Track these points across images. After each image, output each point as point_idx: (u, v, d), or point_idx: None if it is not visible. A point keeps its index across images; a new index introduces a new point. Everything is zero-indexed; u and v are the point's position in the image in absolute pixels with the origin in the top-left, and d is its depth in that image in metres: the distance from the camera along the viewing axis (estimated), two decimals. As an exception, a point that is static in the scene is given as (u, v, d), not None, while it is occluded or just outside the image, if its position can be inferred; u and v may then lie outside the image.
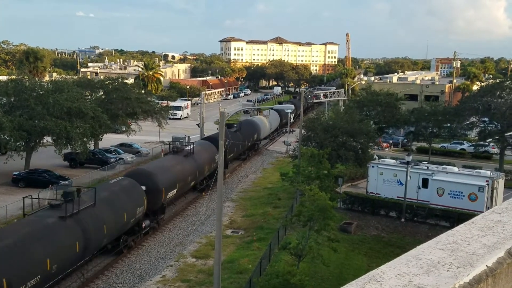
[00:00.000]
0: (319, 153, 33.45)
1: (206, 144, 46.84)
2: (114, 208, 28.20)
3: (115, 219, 27.91)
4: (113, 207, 28.17)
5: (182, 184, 37.96)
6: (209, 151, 45.20)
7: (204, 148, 45.02)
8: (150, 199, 32.39)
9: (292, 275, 20.22)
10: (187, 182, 39.38)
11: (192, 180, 40.68)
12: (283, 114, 74.86)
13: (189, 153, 41.32)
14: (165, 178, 34.89)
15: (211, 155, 44.91)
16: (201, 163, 42.47)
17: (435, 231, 31.09)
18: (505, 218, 3.17)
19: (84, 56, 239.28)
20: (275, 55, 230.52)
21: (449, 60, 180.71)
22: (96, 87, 58.20)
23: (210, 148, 45.78)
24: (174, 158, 40.08)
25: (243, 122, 61.77)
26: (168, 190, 34.83)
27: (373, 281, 2.25)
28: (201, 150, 43.93)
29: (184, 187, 39.43)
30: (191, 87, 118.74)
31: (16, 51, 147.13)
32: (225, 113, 23.20)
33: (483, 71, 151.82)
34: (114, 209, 28.17)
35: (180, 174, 37.76)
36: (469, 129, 58.48)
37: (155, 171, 34.85)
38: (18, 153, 43.37)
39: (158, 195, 33.51)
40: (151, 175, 33.76)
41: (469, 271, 2.37)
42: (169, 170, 36.47)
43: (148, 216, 33.51)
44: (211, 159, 44.74)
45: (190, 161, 40.71)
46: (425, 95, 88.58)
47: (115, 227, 28.04)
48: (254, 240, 32.43)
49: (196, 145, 43.95)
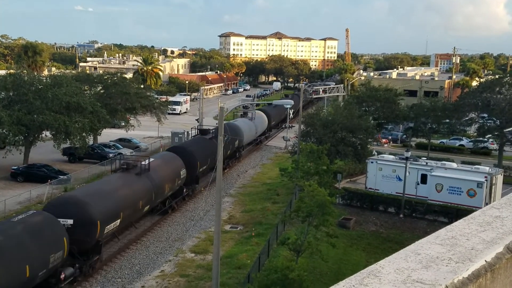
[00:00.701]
0: (318, 148, 33.46)
1: (169, 157, 39.07)
2: (6, 262, 20.46)
3: (8, 277, 20.20)
4: (4, 261, 20.39)
5: (129, 211, 30.21)
6: (173, 165, 37.64)
7: (166, 162, 37.34)
8: (78, 237, 25.05)
9: (291, 270, 20.26)
10: (137, 208, 31.36)
11: (146, 204, 32.52)
12: (272, 116, 70.77)
13: (144, 169, 33.26)
14: (103, 206, 27.02)
15: (175, 170, 37.54)
16: (160, 181, 34.41)
17: (433, 227, 31.16)
18: (504, 213, 3.17)
19: (83, 51, 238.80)
20: (274, 50, 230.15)
21: (448, 56, 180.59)
22: (95, 82, 58.14)
23: (175, 161, 38.34)
24: (121, 178, 32.07)
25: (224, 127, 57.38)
26: (106, 223, 26.98)
27: (372, 276, 2.24)
28: (161, 164, 36.10)
29: (134, 214, 31.61)
30: (190, 82, 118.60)
31: (15, 45, 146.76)
32: (224, 108, 23.17)
33: (483, 67, 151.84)
34: (6, 263, 20.46)
35: (128, 199, 29.98)
36: (468, 125, 58.52)
37: (88, 198, 26.91)
38: (17, 148, 43.34)
39: (91, 230, 25.85)
40: (81, 204, 26.02)
41: (468, 266, 2.36)
42: (109, 196, 28.68)
43: (75, 260, 25.65)
44: (175, 175, 37.15)
45: (144, 180, 32.65)
46: (425, 90, 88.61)
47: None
48: (253, 235, 32.49)
49: (156, 158, 37.32)
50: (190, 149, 41.78)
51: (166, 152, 41.83)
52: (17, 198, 37.26)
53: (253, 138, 62.36)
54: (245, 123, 58.70)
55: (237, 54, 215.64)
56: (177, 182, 37.79)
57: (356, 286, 2.15)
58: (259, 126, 63.92)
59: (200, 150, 42.76)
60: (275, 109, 73.90)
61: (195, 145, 44.23)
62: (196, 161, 40.76)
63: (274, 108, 73.49)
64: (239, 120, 58.95)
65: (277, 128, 78.24)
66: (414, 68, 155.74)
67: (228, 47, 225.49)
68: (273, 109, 73.37)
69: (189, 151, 40.94)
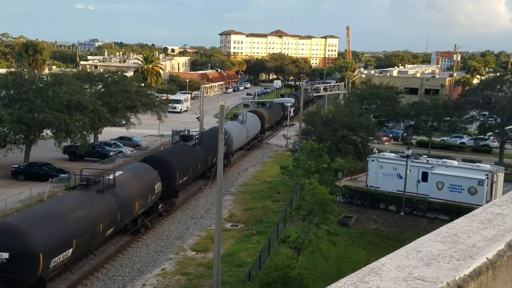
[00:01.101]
0: (319, 147, 33.46)
1: (141, 169, 34.09)
2: None
3: None
4: None
5: (86, 238, 25.32)
6: (145, 179, 32.92)
7: (137, 175, 32.35)
8: (15, 274, 21.22)
9: (292, 268, 20.26)
10: (97, 232, 26.39)
11: (109, 227, 27.89)
12: (266, 118, 66.76)
13: (108, 185, 28.21)
14: (49, 234, 22.54)
15: (148, 184, 32.82)
16: (128, 198, 29.52)
17: (434, 225, 31.12)
18: (505, 211, 3.16)
19: (83, 49, 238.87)
20: (275, 48, 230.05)
21: (449, 54, 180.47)
22: (95, 80, 58.10)
23: (148, 173, 33.58)
24: (77, 197, 27.02)
25: (207, 132, 48.74)
26: (52, 255, 22.46)
27: (373, 273, 2.24)
28: (130, 178, 31.18)
29: (92, 240, 26.64)
30: (191, 81, 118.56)
31: (15, 44, 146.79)
32: (225, 107, 23.15)
33: (484, 64, 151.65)
34: None
35: (84, 223, 25.11)
36: (469, 122, 58.46)
37: (28, 225, 22.34)
38: (18, 146, 43.35)
39: (32, 266, 21.55)
40: (18, 233, 21.69)
41: (469, 263, 2.36)
42: (59, 220, 23.73)
43: None
44: (147, 190, 32.40)
45: (108, 198, 27.76)
46: (425, 88, 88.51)
47: None
48: (254, 233, 32.50)
49: (125, 171, 32.79)
50: (167, 159, 37.29)
51: (138, 164, 36.58)
52: (18, 196, 37.31)
53: (244, 143, 58.06)
54: (235, 126, 54.25)
55: (238, 52, 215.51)
56: (151, 197, 32.86)
57: (357, 283, 2.14)
58: (251, 129, 59.39)
59: (180, 160, 38.69)
60: (270, 110, 71.15)
61: (174, 153, 39.81)
62: (174, 173, 36.45)
63: (269, 110, 70.80)
64: (228, 124, 53.49)
65: (272, 130, 75.10)
66: (415, 66, 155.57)
67: (229, 45, 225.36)
68: (267, 110, 70.28)
69: (166, 161, 36.63)
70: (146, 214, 33.65)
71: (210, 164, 44.08)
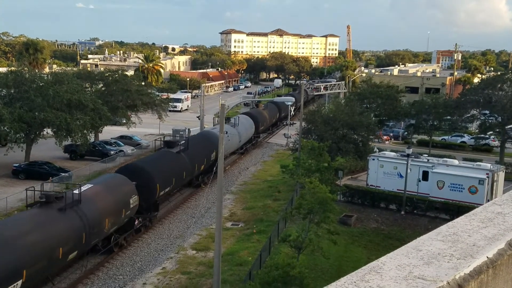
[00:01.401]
0: (319, 145, 33.47)
1: (114, 181, 30.39)
2: None
3: None
4: None
5: (41, 266, 21.98)
6: (119, 192, 29.21)
7: (108, 189, 28.73)
8: None
9: (292, 267, 20.28)
10: (55, 258, 22.99)
11: (71, 251, 24.14)
12: (260, 120, 63.22)
13: (72, 202, 24.75)
14: None
15: (122, 198, 29.16)
16: (97, 216, 26.18)
17: (435, 224, 31.13)
18: (506, 209, 3.16)
19: (84, 48, 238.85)
20: (275, 47, 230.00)
21: (450, 53, 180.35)
22: (96, 79, 58.13)
23: (122, 186, 29.98)
24: (33, 218, 23.57)
25: (193, 138, 46.22)
26: None
27: (373, 272, 2.24)
28: (101, 192, 27.74)
29: (49, 267, 23.28)
30: (191, 79, 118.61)
31: (16, 43, 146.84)
32: (225, 106, 23.15)
33: (484, 63, 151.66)
34: None
35: (38, 249, 21.74)
36: (470, 121, 58.46)
37: None
38: (18, 145, 43.38)
39: None
40: None
41: (470, 262, 2.36)
42: (4, 247, 20.32)
43: None
44: (121, 205, 28.76)
45: (71, 218, 24.21)
46: (426, 87, 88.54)
47: None
48: (254, 232, 32.51)
49: (95, 184, 28.81)
50: (147, 168, 33.35)
51: (111, 175, 33.23)
52: (19, 195, 37.32)
53: (237, 147, 54.14)
54: (227, 130, 48.89)
55: (238, 51, 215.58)
56: (125, 213, 29.16)
57: (358, 282, 2.14)
58: (244, 133, 55.55)
59: (162, 169, 34.76)
60: (265, 112, 68.11)
61: (155, 162, 35.91)
62: (154, 184, 32.75)
63: (264, 111, 67.81)
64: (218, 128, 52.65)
65: (268, 133, 71.45)
66: (415, 65, 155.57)
67: (229, 44, 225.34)
68: (262, 111, 67.20)
69: (145, 171, 32.91)
70: (122, 231, 30.16)
71: (197, 172, 41.45)
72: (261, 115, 65.65)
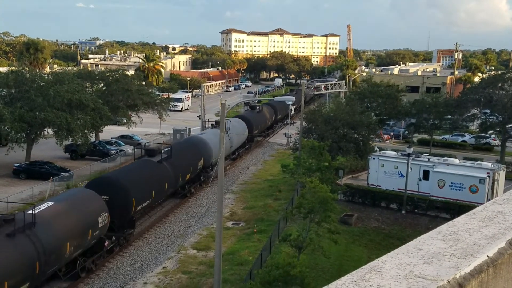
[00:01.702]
0: (320, 145, 33.49)
1: (80, 197, 26.74)
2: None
3: None
4: None
5: None
6: (86, 210, 25.57)
7: (72, 207, 25.08)
8: None
9: (293, 266, 20.28)
10: None
11: (20, 284, 20.59)
12: (254, 123, 59.01)
13: (24, 226, 21.12)
14: None
15: (89, 217, 25.39)
16: (56, 241, 22.57)
17: (435, 223, 31.13)
18: (507, 209, 3.16)
19: (84, 48, 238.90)
20: (276, 46, 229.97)
21: (450, 52, 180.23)
22: (96, 79, 58.16)
23: (90, 202, 26.39)
24: None
25: (178, 145, 42.76)
26: None
27: (373, 271, 2.24)
28: (61, 213, 24.04)
29: None
30: (192, 79, 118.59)
31: (16, 43, 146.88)
32: (226, 105, 23.14)
33: (485, 62, 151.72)
34: None
35: None
36: (471, 121, 58.48)
37: None
38: (19, 145, 43.41)
39: None
40: None
41: (470, 261, 2.36)
42: None
43: None
44: (87, 225, 25.09)
45: (22, 244, 20.85)
46: (427, 86, 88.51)
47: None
48: (255, 232, 32.51)
49: (56, 202, 24.83)
50: (121, 181, 29.58)
51: (77, 190, 29.90)
52: (20, 195, 37.35)
53: (228, 153, 48.36)
54: (215, 136, 43.09)
55: (239, 50, 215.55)
56: (92, 234, 25.44)
57: (358, 281, 2.15)
58: (236, 138, 50.98)
59: (139, 181, 31.00)
60: (259, 114, 63.89)
61: (132, 173, 31.91)
62: (130, 198, 29.00)
63: (258, 114, 63.68)
64: (208, 132, 46.55)
65: (263, 137, 66.68)
66: (416, 64, 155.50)
67: (230, 43, 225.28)
68: (256, 114, 62.79)
69: (119, 184, 29.24)
70: (90, 253, 26.65)
71: (182, 182, 38.16)
72: (255, 117, 61.54)
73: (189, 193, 41.05)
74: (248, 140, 57.80)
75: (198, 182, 42.81)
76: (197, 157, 40.82)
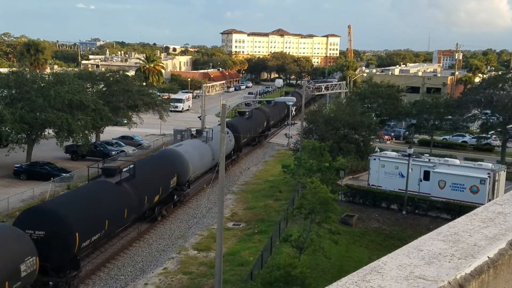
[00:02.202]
0: (320, 145, 33.48)
1: None
2: None
3: None
4: None
5: None
6: (3, 258, 19.92)
7: None
8: None
9: (293, 267, 20.27)
10: None
11: None
12: (242, 131, 52.73)
13: None
14: None
15: (10, 265, 20.17)
16: None
17: (436, 224, 31.11)
18: (507, 209, 3.16)
19: (85, 48, 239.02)
20: (276, 47, 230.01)
21: (451, 52, 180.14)
22: (97, 80, 58.17)
23: (10, 245, 20.76)
24: None
25: (146, 160, 36.87)
26: None
27: (374, 272, 2.24)
28: None
29: None
30: (193, 80, 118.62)
31: (17, 43, 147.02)
32: (227, 106, 23.15)
33: (485, 63, 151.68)
34: None
35: None
36: (471, 121, 58.44)
37: None
38: (20, 146, 43.43)
39: None
40: None
41: (471, 262, 2.36)
42: None
43: None
44: (5, 276, 19.81)
45: None
46: (427, 87, 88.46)
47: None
48: (256, 232, 32.50)
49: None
50: (60, 212, 24.04)
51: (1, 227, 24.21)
52: (20, 196, 37.38)
53: (209, 167, 43.17)
54: (195, 148, 40.97)
55: (239, 51, 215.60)
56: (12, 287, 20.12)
57: (359, 282, 2.15)
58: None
59: (86, 210, 25.50)
60: (249, 121, 57.69)
61: (76, 201, 26.16)
62: (71, 233, 23.62)
63: (248, 120, 57.54)
64: (185, 144, 41.64)
65: (253, 145, 61.02)
66: (416, 65, 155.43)
67: (230, 44, 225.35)
68: (245, 121, 56.78)
69: (57, 216, 23.73)
70: None
71: (149, 205, 32.58)
72: (243, 125, 54.91)
73: (159, 216, 35.23)
74: (235, 150, 51.72)
75: (171, 202, 37.03)
76: (169, 174, 35.15)
